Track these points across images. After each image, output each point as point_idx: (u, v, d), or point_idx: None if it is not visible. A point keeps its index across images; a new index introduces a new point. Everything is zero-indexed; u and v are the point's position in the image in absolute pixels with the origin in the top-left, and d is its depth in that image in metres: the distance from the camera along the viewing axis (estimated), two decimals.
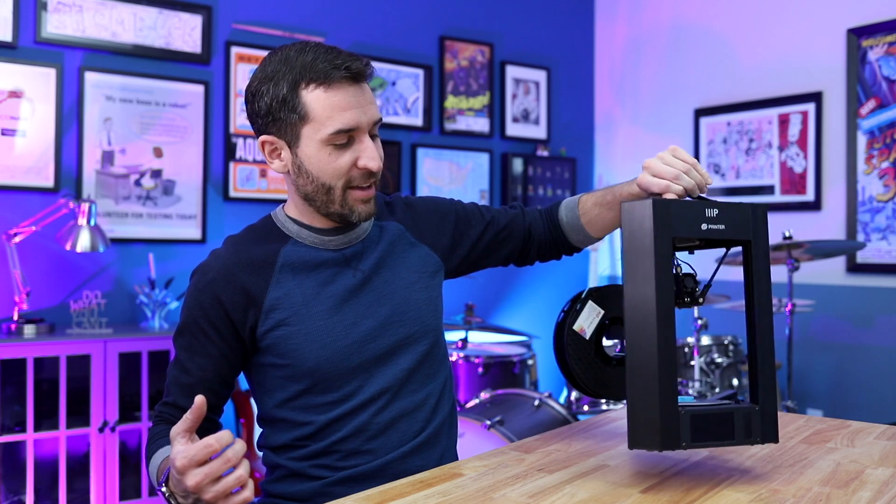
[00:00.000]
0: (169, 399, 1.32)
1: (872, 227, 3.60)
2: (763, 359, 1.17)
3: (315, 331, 1.29)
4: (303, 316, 1.29)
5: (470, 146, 4.23)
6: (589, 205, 1.46)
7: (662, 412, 1.10)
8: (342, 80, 1.23)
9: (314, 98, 1.23)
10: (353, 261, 1.35)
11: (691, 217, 1.15)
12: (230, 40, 3.46)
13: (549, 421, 2.68)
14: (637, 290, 1.13)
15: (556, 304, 4.55)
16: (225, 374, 1.32)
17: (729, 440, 1.15)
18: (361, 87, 1.26)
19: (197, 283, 1.31)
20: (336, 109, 1.23)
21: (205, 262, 1.33)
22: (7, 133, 2.96)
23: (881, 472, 1.21)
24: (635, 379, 1.13)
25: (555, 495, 1.10)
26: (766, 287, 1.18)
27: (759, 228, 1.18)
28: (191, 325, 1.30)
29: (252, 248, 1.32)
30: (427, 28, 4.08)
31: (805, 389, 3.77)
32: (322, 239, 1.33)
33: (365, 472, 1.30)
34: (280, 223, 1.36)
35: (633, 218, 1.14)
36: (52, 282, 3.04)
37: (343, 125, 1.23)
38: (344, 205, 1.28)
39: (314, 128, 1.24)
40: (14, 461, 2.79)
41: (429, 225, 1.45)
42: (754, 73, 4.05)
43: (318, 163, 1.26)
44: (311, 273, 1.31)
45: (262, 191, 3.55)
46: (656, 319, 1.11)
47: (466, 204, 1.52)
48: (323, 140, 1.24)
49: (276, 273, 1.30)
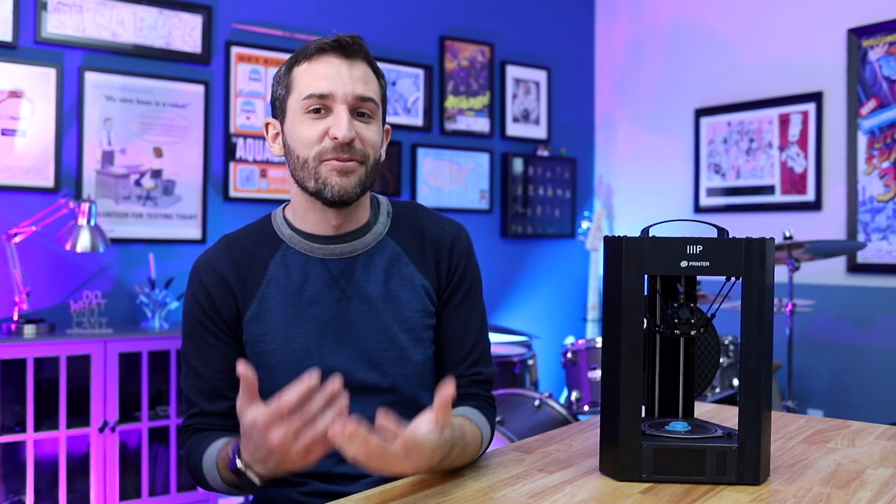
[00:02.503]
0: (195, 410, 1.30)
1: (873, 227, 3.59)
2: (749, 401, 1.14)
3: (290, 353, 1.27)
4: (280, 336, 1.27)
5: (470, 146, 4.22)
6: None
7: (623, 445, 1.14)
8: (327, 52, 1.24)
9: (300, 71, 1.26)
10: (342, 280, 1.30)
11: (668, 254, 1.12)
12: (230, 40, 3.46)
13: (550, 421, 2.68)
14: (609, 323, 1.16)
15: (556, 305, 4.57)
16: (234, 368, 1.30)
17: (698, 476, 1.14)
18: (350, 63, 1.25)
19: (192, 285, 1.31)
20: (313, 77, 1.23)
21: (198, 262, 1.32)
22: (7, 133, 2.96)
23: (881, 473, 1.21)
24: (604, 409, 1.18)
25: (555, 496, 1.10)
26: (757, 325, 1.13)
27: (754, 264, 1.12)
28: (196, 327, 1.30)
29: (244, 253, 1.31)
30: (427, 28, 4.08)
31: (805, 389, 3.77)
32: (312, 246, 1.30)
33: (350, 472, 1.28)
34: (276, 225, 1.33)
35: (609, 254, 1.16)
36: (52, 282, 3.04)
37: (315, 90, 1.22)
38: (318, 178, 1.23)
39: (294, 98, 1.25)
40: (14, 461, 2.79)
41: (435, 260, 1.35)
42: (755, 73, 4.05)
43: (294, 134, 1.25)
44: (296, 292, 1.28)
45: (262, 191, 3.55)
46: (622, 355, 1.13)
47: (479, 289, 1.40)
48: (299, 108, 1.24)
49: (263, 286, 1.29)
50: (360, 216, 1.32)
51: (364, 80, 1.25)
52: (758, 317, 1.14)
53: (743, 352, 1.15)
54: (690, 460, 1.14)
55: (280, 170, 3.58)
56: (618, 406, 1.13)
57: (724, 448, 1.14)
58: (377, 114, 1.28)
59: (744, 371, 1.14)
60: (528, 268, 4.47)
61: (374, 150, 1.27)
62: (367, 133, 1.26)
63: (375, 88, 1.28)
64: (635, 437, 1.14)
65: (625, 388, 1.13)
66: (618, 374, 1.13)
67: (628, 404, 1.13)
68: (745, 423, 1.14)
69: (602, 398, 1.17)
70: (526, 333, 3.89)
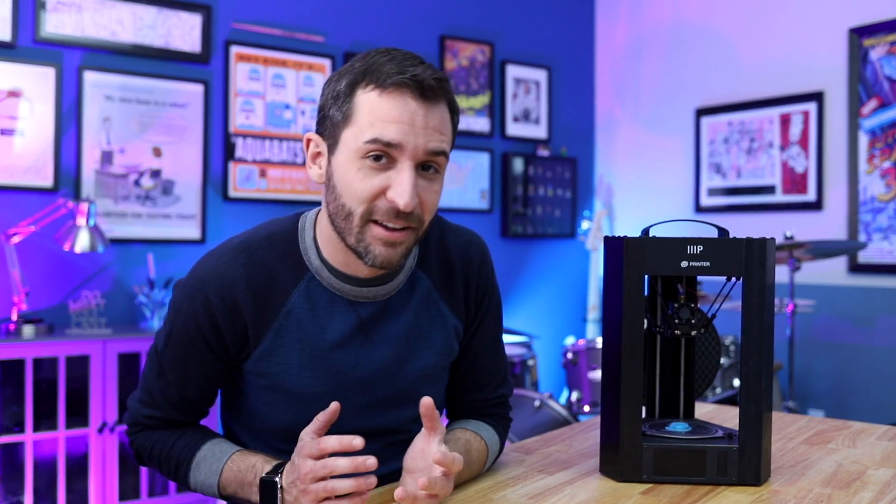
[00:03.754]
0: (156, 413, 1.21)
1: (874, 227, 3.59)
2: (750, 401, 1.14)
3: (299, 396, 1.16)
4: (293, 377, 1.15)
5: (470, 146, 4.22)
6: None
7: (624, 446, 1.14)
8: (402, 88, 1.04)
9: (365, 99, 1.05)
10: (369, 324, 1.17)
11: (669, 254, 1.12)
12: (230, 40, 3.46)
13: (550, 422, 2.67)
14: (609, 323, 1.16)
15: (556, 305, 4.57)
16: (217, 386, 1.24)
17: (698, 477, 1.14)
18: (428, 107, 1.05)
19: (195, 302, 1.14)
20: (381, 117, 1.04)
21: (207, 276, 1.14)
22: (6, 133, 2.96)
23: (882, 473, 1.21)
24: (604, 410, 1.18)
25: (555, 496, 1.10)
26: (758, 326, 1.13)
27: (754, 264, 1.12)
28: (185, 343, 1.16)
29: (264, 274, 1.14)
30: (427, 28, 4.08)
31: (806, 390, 3.77)
32: (343, 287, 1.16)
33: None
34: (304, 246, 1.17)
35: (609, 254, 1.16)
36: (51, 282, 3.03)
37: (381, 135, 1.03)
38: (360, 239, 1.07)
39: (353, 133, 1.06)
40: (13, 462, 2.78)
41: (464, 294, 1.27)
42: (755, 73, 4.04)
43: (345, 177, 1.06)
44: (317, 332, 1.15)
45: (262, 191, 3.54)
46: (622, 355, 1.13)
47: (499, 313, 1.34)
48: (357, 150, 1.05)
49: (280, 318, 1.14)
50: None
51: (440, 129, 1.07)
52: (758, 317, 1.13)
53: (743, 352, 1.14)
54: (691, 461, 1.14)
55: (280, 169, 3.58)
56: (618, 407, 1.13)
57: (724, 449, 1.14)
58: (444, 167, 1.11)
59: (744, 371, 1.14)
60: (528, 268, 4.47)
61: (431, 213, 1.11)
62: (430, 196, 1.09)
63: (450, 136, 1.10)
64: (636, 438, 1.13)
65: (625, 389, 1.13)
66: (618, 375, 1.13)
67: (628, 405, 1.13)
68: (746, 423, 1.13)
69: (602, 399, 1.17)
70: (526, 334, 3.89)
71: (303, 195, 3.63)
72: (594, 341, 3.20)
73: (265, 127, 3.55)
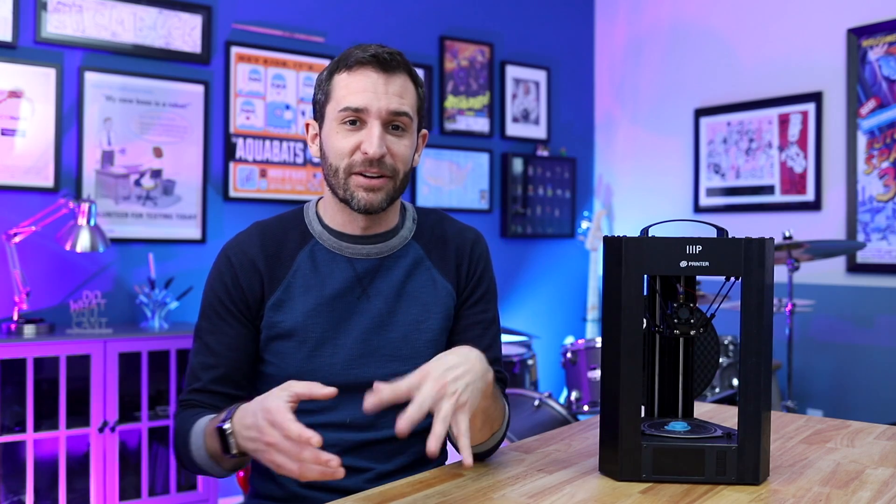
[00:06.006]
0: (197, 385, 1.31)
1: (872, 227, 3.59)
2: (749, 401, 1.14)
3: (305, 341, 1.30)
4: (298, 324, 1.31)
5: (470, 146, 4.23)
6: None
7: (623, 445, 1.14)
8: (366, 65, 1.28)
9: (339, 79, 1.30)
10: (365, 279, 1.34)
11: (668, 254, 1.13)
12: (230, 40, 3.46)
13: (549, 421, 2.68)
14: (608, 323, 1.16)
15: (556, 305, 4.57)
16: (250, 355, 1.32)
17: (697, 476, 1.15)
18: (388, 77, 1.28)
19: (219, 265, 1.35)
20: (351, 89, 1.27)
21: (228, 244, 1.36)
22: (7, 133, 2.96)
23: (881, 472, 1.21)
24: (604, 409, 1.18)
25: (554, 496, 1.10)
26: (757, 325, 1.14)
27: (753, 264, 1.13)
28: (215, 305, 1.32)
29: (274, 241, 1.35)
30: (427, 28, 4.08)
31: (805, 389, 3.77)
32: (341, 245, 1.35)
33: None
34: (308, 219, 1.38)
35: (608, 254, 1.16)
36: (51, 282, 3.04)
37: (351, 103, 1.27)
38: (346, 189, 1.30)
39: (332, 107, 1.30)
40: (14, 461, 2.79)
41: (456, 263, 1.41)
42: (754, 73, 4.05)
43: (329, 142, 1.30)
44: (319, 285, 1.33)
45: (262, 191, 3.55)
46: (621, 355, 1.13)
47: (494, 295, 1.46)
48: (336, 118, 1.28)
49: (289, 276, 1.33)
50: (389, 220, 1.38)
51: (400, 93, 1.30)
52: (757, 317, 1.14)
53: (742, 352, 1.15)
54: (690, 460, 1.15)
55: (280, 169, 3.58)
56: (617, 406, 1.13)
57: (723, 448, 1.14)
58: (411, 126, 1.33)
59: (743, 371, 1.15)
60: (527, 268, 4.47)
61: (405, 164, 1.32)
62: (398, 147, 1.30)
63: (412, 101, 1.32)
64: (635, 438, 1.14)
65: (624, 389, 1.13)
66: (617, 374, 1.13)
67: (628, 404, 1.13)
68: (745, 423, 1.14)
69: (602, 398, 1.18)
70: (526, 333, 3.90)
71: (303, 195, 3.63)
72: (593, 341, 3.20)
73: (265, 127, 3.56)
